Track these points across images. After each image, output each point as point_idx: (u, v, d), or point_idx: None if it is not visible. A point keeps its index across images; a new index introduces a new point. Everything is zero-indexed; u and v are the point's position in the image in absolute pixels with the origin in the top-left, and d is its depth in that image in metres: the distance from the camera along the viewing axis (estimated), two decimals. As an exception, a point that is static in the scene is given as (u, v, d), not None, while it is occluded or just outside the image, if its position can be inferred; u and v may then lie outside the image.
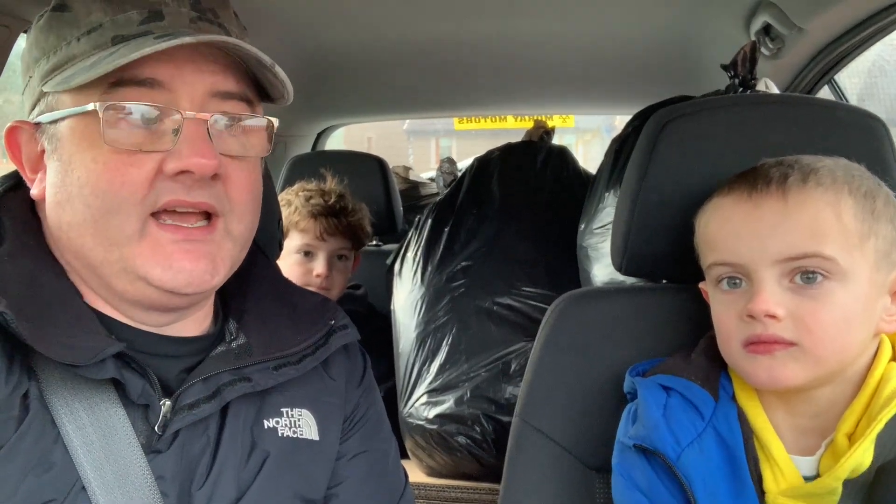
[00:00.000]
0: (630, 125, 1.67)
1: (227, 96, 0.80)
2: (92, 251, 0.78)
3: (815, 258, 0.83)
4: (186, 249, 0.78)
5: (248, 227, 0.85)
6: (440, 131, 13.94)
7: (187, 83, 0.77)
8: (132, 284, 0.78)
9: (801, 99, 1.43)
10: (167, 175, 0.76)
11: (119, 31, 0.77)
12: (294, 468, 0.87)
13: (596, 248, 1.63)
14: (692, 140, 1.07)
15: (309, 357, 0.89)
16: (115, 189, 0.75)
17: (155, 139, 0.76)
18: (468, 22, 1.86)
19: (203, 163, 0.76)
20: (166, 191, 0.76)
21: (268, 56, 0.79)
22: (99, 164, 0.75)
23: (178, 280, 0.78)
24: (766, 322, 0.84)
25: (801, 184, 0.86)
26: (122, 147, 0.75)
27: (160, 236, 0.77)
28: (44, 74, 0.79)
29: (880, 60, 2.13)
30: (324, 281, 1.90)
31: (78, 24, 0.78)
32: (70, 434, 0.74)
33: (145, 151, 0.76)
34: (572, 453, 1.08)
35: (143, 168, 0.76)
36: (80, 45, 0.77)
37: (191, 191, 0.77)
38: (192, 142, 0.76)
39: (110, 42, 0.76)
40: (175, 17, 0.79)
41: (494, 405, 1.79)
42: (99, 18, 0.77)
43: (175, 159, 0.76)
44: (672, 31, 1.92)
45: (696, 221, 0.97)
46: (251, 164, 0.84)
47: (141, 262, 0.77)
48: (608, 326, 1.12)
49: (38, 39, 0.81)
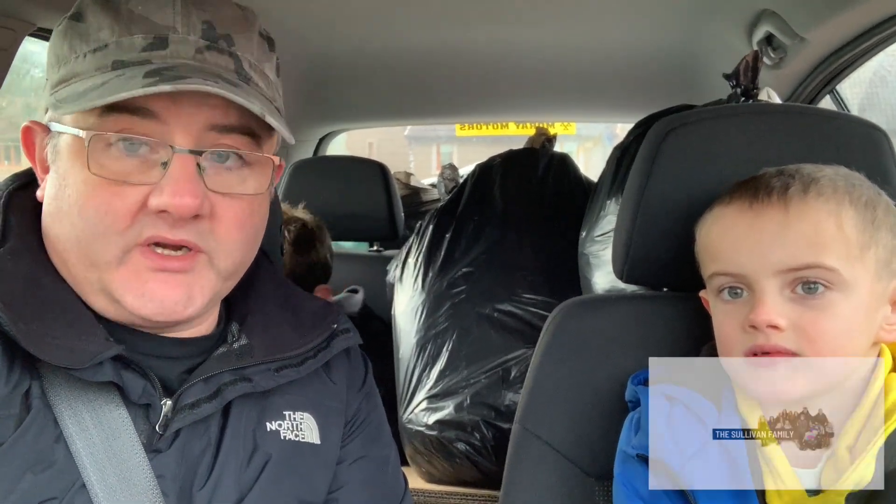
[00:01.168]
0: (632, 133, 1.67)
1: (228, 130, 0.78)
2: (75, 268, 0.78)
3: (817, 269, 0.83)
4: (162, 279, 0.76)
5: (236, 262, 0.83)
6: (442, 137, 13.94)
7: (183, 115, 0.75)
8: (109, 305, 0.78)
9: (803, 109, 1.43)
10: (150, 210, 0.74)
11: (120, 55, 0.75)
12: (295, 472, 0.87)
13: (597, 255, 1.63)
14: (694, 149, 1.07)
15: (310, 360, 0.89)
16: (100, 217, 0.74)
17: (144, 170, 0.75)
18: (470, 29, 1.87)
19: (181, 203, 0.73)
20: (149, 226, 0.75)
21: None
22: (88, 187, 0.74)
23: (149, 308, 0.76)
24: (768, 333, 0.84)
25: (802, 194, 0.86)
26: (107, 177, 0.74)
27: (139, 263, 0.76)
28: (53, 83, 0.79)
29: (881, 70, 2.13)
30: None
31: (88, 39, 0.77)
32: (73, 434, 0.74)
33: (131, 183, 0.74)
34: (572, 460, 1.08)
35: (127, 200, 0.74)
36: (84, 63, 0.76)
37: (173, 228, 0.75)
38: (176, 180, 0.74)
39: (110, 66, 0.75)
40: (179, 46, 0.76)
41: (494, 412, 1.79)
42: (106, 38, 0.76)
43: (157, 196, 0.74)
44: (674, 41, 1.93)
45: (697, 230, 0.97)
46: (247, 201, 0.81)
47: (117, 287, 0.76)
48: (609, 334, 1.12)
49: (55, 45, 0.80)
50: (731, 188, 0.93)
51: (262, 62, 0.84)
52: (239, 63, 0.80)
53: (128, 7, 0.77)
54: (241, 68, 0.81)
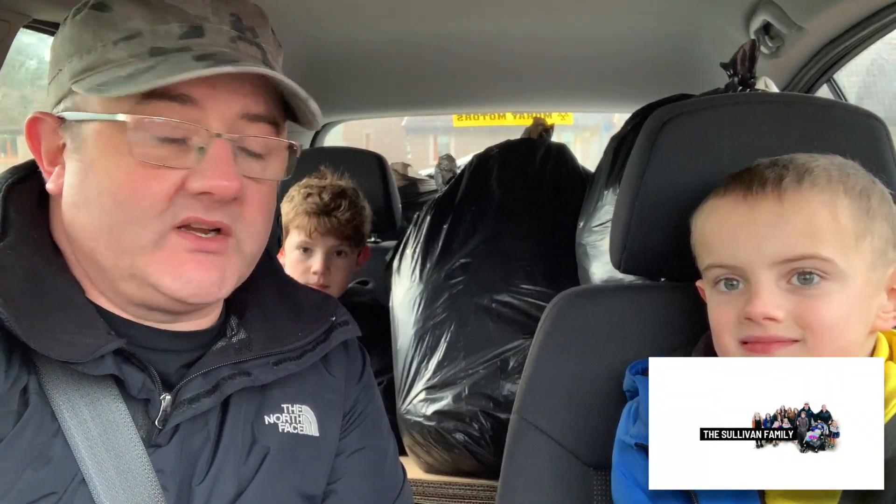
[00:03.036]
0: (629, 123, 1.67)
1: (257, 118, 0.81)
2: (102, 255, 0.78)
3: (813, 259, 0.83)
4: (199, 260, 0.79)
5: (258, 246, 0.86)
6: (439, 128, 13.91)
7: (220, 103, 0.78)
8: (140, 289, 0.79)
9: (801, 98, 1.43)
10: (188, 192, 0.77)
11: (158, 42, 0.77)
12: (294, 464, 0.87)
13: (594, 245, 1.64)
14: (691, 139, 1.07)
15: (309, 353, 0.90)
16: (137, 200, 0.75)
17: (180, 155, 0.77)
18: (467, 19, 1.86)
19: (226, 185, 0.77)
20: (185, 207, 0.77)
21: None
22: (122, 173, 0.75)
23: (187, 290, 0.78)
24: (765, 324, 0.84)
25: (797, 185, 0.85)
26: (148, 161, 0.75)
27: (178, 245, 0.78)
28: (76, 72, 0.78)
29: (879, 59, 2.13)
30: (321, 278, 1.91)
31: (116, 28, 0.77)
32: (71, 428, 0.74)
33: (169, 167, 0.76)
34: (570, 450, 1.08)
35: (166, 183, 0.76)
36: (116, 51, 0.77)
37: (209, 210, 0.78)
38: (216, 163, 0.77)
39: (148, 53, 0.76)
40: (215, 35, 0.79)
41: (492, 402, 1.79)
42: (139, 26, 0.77)
43: (199, 179, 0.76)
44: (671, 30, 1.92)
45: (693, 222, 0.97)
46: (269, 186, 0.85)
47: (153, 270, 0.77)
48: (606, 324, 1.12)
49: (73, 35, 0.80)
50: (726, 180, 0.93)
51: (276, 56, 0.87)
52: (264, 54, 0.83)
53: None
54: (266, 59, 0.83)
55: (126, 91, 0.72)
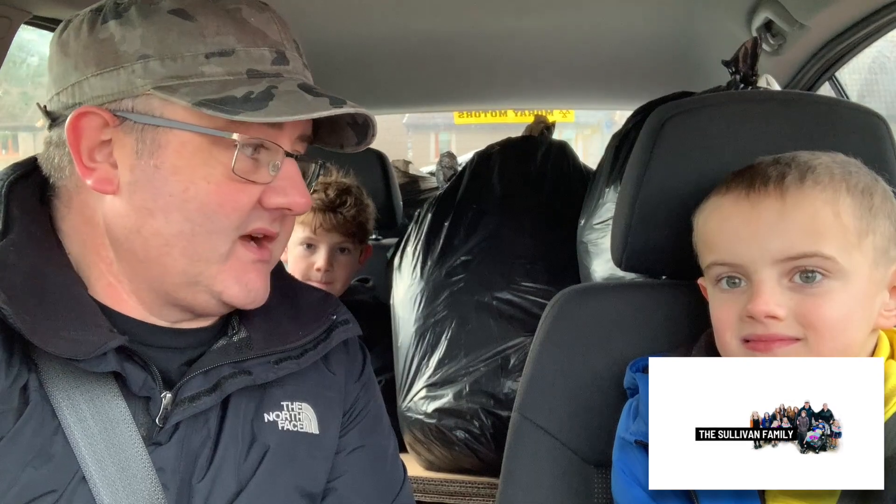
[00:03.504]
0: (631, 121, 1.67)
1: (305, 139, 0.86)
2: (174, 262, 0.79)
3: (815, 258, 0.83)
4: (258, 269, 0.84)
5: (282, 252, 0.91)
6: (440, 125, 13.91)
7: (294, 126, 0.83)
8: (197, 295, 0.81)
9: (803, 96, 1.42)
10: (265, 206, 0.81)
11: (254, 65, 0.78)
12: (294, 462, 0.87)
13: (596, 243, 1.63)
14: (693, 136, 1.07)
15: (310, 351, 0.90)
16: (226, 212, 0.78)
17: (258, 170, 0.79)
18: (469, 16, 1.86)
19: (303, 202, 0.82)
20: (257, 219, 0.81)
21: None
22: (212, 184, 0.77)
23: (249, 297, 0.84)
24: (766, 322, 0.84)
25: (799, 183, 0.85)
26: (242, 176, 0.77)
27: (244, 256, 0.82)
28: (158, 77, 0.76)
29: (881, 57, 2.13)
30: (324, 275, 1.92)
31: (204, 40, 0.77)
32: (71, 426, 0.74)
33: (253, 182, 0.78)
34: (571, 448, 1.08)
35: (251, 197, 0.79)
36: (210, 65, 0.76)
37: (274, 222, 0.84)
38: (294, 181, 0.82)
39: (245, 74, 0.77)
40: (295, 63, 0.83)
41: (493, 400, 1.79)
42: (230, 43, 0.77)
43: (279, 195, 0.81)
44: (673, 27, 1.92)
45: (695, 220, 0.97)
46: None
47: (221, 279, 0.81)
48: (607, 322, 1.12)
49: (147, 35, 0.76)
50: (728, 178, 0.93)
51: None
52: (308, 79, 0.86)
53: (242, 16, 0.79)
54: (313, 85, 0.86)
55: (262, 119, 0.74)
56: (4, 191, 0.82)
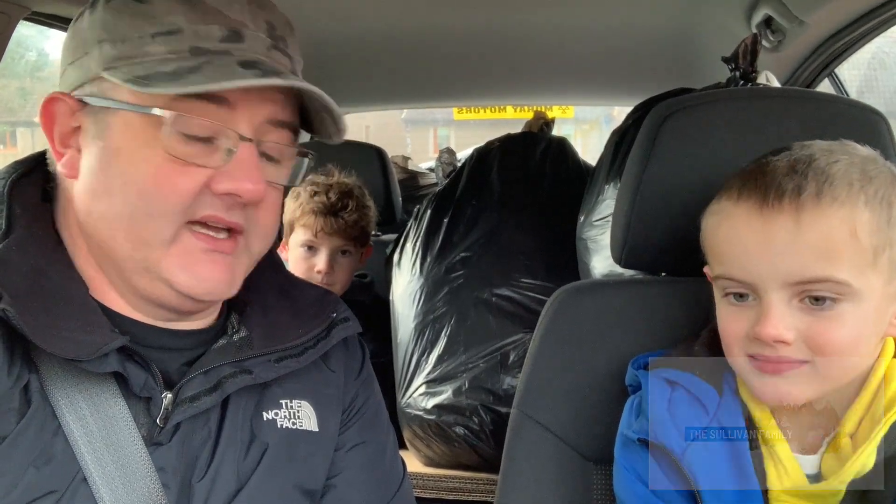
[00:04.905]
0: (630, 117, 1.67)
1: (280, 125, 0.83)
2: (120, 246, 0.78)
3: (827, 283, 0.80)
4: (213, 259, 0.80)
5: (266, 246, 0.87)
6: (439, 121, 13.90)
7: (250, 107, 0.79)
8: (152, 283, 0.79)
9: (802, 92, 1.42)
10: (213, 192, 0.78)
11: (199, 42, 0.77)
12: (293, 459, 0.87)
13: (595, 240, 1.63)
14: (693, 133, 1.07)
15: (310, 350, 0.90)
16: (164, 194, 0.76)
17: (208, 154, 0.77)
18: (468, 11, 1.86)
19: (252, 189, 0.78)
20: (207, 205, 0.78)
21: None
22: (151, 165, 0.76)
23: (200, 288, 0.79)
24: (775, 346, 0.82)
25: (815, 199, 0.81)
26: (178, 157, 0.76)
27: (191, 244, 0.79)
28: (108, 59, 0.77)
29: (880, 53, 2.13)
30: (325, 277, 1.91)
31: (154, 21, 0.77)
32: (71, 426, 0.74)
33: (197, 165, 0.76)
34: (570, 445, 1.08)
35: (193, 180, 0.77)
36: (155, 44, 0.76)
37: (229, 210, 0.79)
38: (244, 166, 0.78)
39: (188, 51, 0.76)
40: (253, 42, 0.80)
41: (493, 396, 1.79)
42: (179, 22, 0.77)
43: (227, 180, 0.77)
44: (673, 23, 1.92)
45: (703, 222, 0.93)
46: (280, 190, 0.87)
47: (167, 266, 0.78)
48: (607, 319, 1.12)
49: (104, 20, 0.78)
50: (740, 180, 0.88)
51: (299, 66, 0.87)
52: (293, 64, 0.84)
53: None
54: (295, 70, 0.84)
55: (174, 91, 0.72)
56: (6, 190, 0.82)
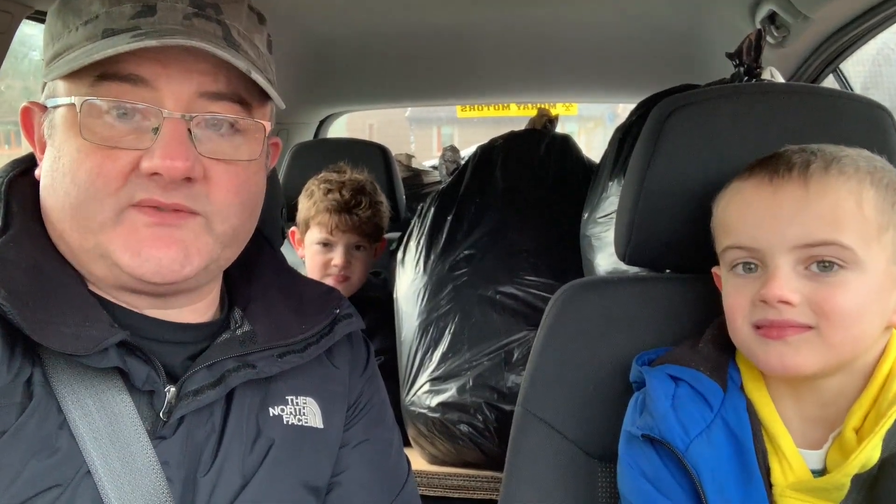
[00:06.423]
0: (634, 114, 1.66)
1: (218, 97, 0.79)
2: (71, 237, 0.79)
3: (833, 246, 0.82)
4: (158, 236, 0.77)
5: (234, 228, 0.83)
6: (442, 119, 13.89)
7: (173, 82, 0.77)
8: (109, 269, 0.78)
9: (807, 88, 1.42)
10: (142, 173, 0.76)
11: (110, 24, 0.77)
12: (298, 456, 0.87)
13: (599, 237, 1.63)
14: (697, 129, 1.07)
15: (313, 345, 0.90)
16: (92, 179, 0.75)
17: (136, 136, 0.76)
18: (471, 9, 1.86)
19: (172, 166, 0.75)
20: (142, 188, 0.76)
21: None
22: (81, 154, 0.76)
23: (146, 268, 0.77)
24: (779, 308, 0.83)
25: (823, 171, 0.85)
26: (96, 142, 0.75)
27: (136, 219, 0.76)
28: (48, 60, 0.80)
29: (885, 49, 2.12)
30: (342, 271, 1.99)
31: (80, 13, 0.78)
32: (76, 420, 0.74)
33: (122, 148, 0.76)
34: (574, 442, 1.08)
35: (118, 163, 0.75)
36: (76, 35, 0.78)
37: (166, 191, 0.76)
38: (167, 143, 0.75)
39: (100, 35, 0.76)
40: (167, 13, 0.78)
41: (497, 394, 1.79)
42: (97, 9, 0.78)
43: (148, 159, 0.75)
44: (677, 20, 1.92)
45: (715, 205, 0.96)
46: (242, 167, 0.82)
47: (114, 248, 0.77)
48: (611, 316, 1.12)
49: (48, 24, 0.81)
50: (752, 163, 0.92)
51: (251, 32, 0.84)
52: (227, 30, 0.81)
53: None
54: (228, 35, 0.81)
55: (60, 72, 0.73)
56: (4, 187, 0.83)
